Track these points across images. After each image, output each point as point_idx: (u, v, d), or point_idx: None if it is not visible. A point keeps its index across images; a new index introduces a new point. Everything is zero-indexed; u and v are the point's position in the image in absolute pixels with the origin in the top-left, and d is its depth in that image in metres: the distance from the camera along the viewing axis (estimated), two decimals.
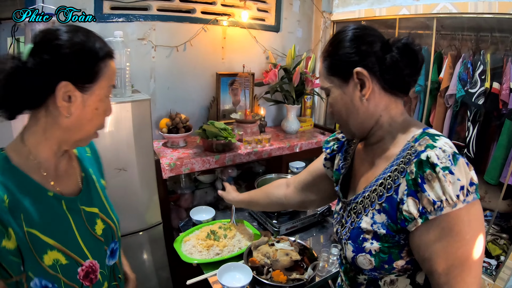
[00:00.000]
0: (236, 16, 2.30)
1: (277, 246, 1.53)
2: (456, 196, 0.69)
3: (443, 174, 0.70)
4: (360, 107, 0.87)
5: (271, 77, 2.44)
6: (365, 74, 0.83)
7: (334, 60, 0.89)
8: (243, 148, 2.17)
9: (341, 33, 0.89)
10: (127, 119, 1.51)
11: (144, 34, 2.01)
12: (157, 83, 2.14)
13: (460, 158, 0.72)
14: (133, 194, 1.60)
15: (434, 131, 0.82)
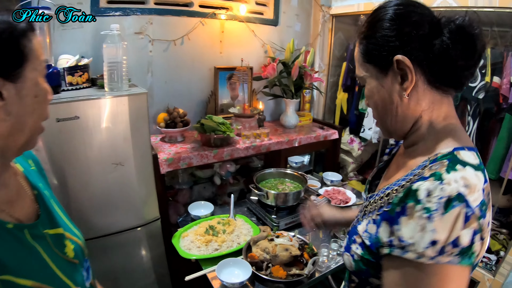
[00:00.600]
0: (234, 9, 2.27)
1: (276, 241, 1.52)
2: (423, 248, 0.59)
3: (420, 215, 0.60)
4: (400, 103, 0.74)
5: (270, 71, 2.42)
6: (408, 64, 0.69)
7: (371, 44, 0.75)
8: (242, 142, 2.15)
9: (380, 10, 0.74)
10: (124, 113, 1.49)
11: (141, 28, 1.98)
12: (154, 77, 2.12)
13: (457, 209, 0.58)
14: (130, 189, 1.59)
15: (467, 156, 0.66)
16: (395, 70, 0.71)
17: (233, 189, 2.37)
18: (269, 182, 2.06)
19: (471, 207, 0.58)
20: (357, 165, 3.02)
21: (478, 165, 0.65)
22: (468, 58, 0.69)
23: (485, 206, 0.61)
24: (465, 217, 0.58)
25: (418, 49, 0.69)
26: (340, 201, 2.16)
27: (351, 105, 2.95)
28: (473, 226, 0.58)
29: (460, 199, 0.58)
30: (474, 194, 0.59)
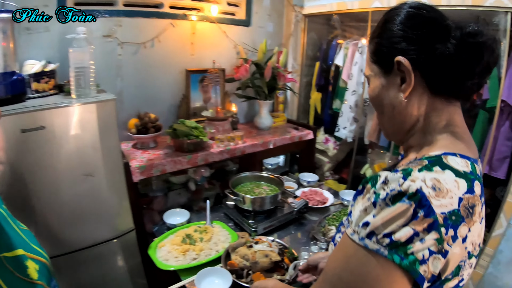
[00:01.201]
0: (206, 10, 2.22)
1: (255, 248, 1.49)
2: (357, 226, 0.60)
3: (369, 197, 0.60)
4: (397, 106, 0.73)
5: (242, 72, 2.39)
6: (407, 66, 0.67)
7: (378, 45, 0.74)
8: (216, 146, 2.11)
9: (392, 12, 0.74)
10: (92, 120, 1.42)
11: (110, 30, 1.90)
12: (124, 82, 2.04)
13: (404, 205, 0.55)
14: (102, 201, 1.52)
15: (454, 162, 0.62)
16: (396, 71, 0.71)
17: (208, 194, 2.32)
18: (245, 186, 2.03)
19: (428, 210, 0.54)
20: (333, 165, 3.05)
21: (465, 173, 0.61)
22: (471, 68, 0.66)
23: (456, 216, 0.57)
24: (412, 215, 0.54)
25: (420, 53, 0.67)
26: (318, 202, 2.16)
27: (325, 104, 2.97)
28: (418, 228, 0.54)
29: (415, 198, 0.54)
30: (442, 199, 0.55)
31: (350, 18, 2.68)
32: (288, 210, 1.92)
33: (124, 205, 1.59)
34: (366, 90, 2.55)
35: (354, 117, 2.69)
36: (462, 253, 0.59)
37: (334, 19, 2.60)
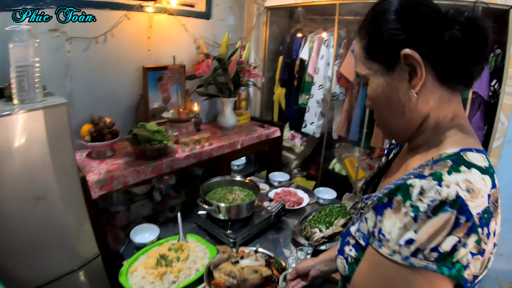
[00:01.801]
0: (163, 1, 2.00)
1: (242, 264, 1.35)
2: (399, 245, 0.56)
3: (406, 211, 0.56)
4: (407, 102, 0.68)
5: (204, 68, 2.21)
6: (417, 58, 0.63)
7: (374, 39, 0.69)
8: (181, 151, 1.92)
9: (384, 3, 0.69)
10: (40, 131, 1.17)
11: (57, 23, 1.59)
12: (74, 83, 1.75)
13: (447, 214, 0.52)
14: (59, 227, 1.27)
15: (474, 158, 0.60)
16: (402, 66, 0.66)
17: (174, 203, 2.12)
18: (217, 193, 1.88)
19: (468, 214, 0.52)
20: (300, 161, 2.98)
21: (487, 168, 0.59)
22: (479, 51, 0.64)
23: (488, 214, 0.55)
24: (454, 223, 0.52)
25: (427, 43, 0.64)
26: (294, 203, 2.07)
27: (289, 100, 2.88)
28: (460, 234, 0.52)
29: (456, 205, 0.52)
30: (476, 200, 0.53)
31: (315, 11, 2.60)
32: (265, 215, 1.81)
33: (86, 228, 1.35)
34: (334, 84, 2.50)
35: (321, 112, 2.63)
36: (492, 247, 0.57)
37: (298, 12, 2.50)
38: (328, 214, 1.83)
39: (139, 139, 1.73)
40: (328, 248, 1.61)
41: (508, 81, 1.72)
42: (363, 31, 0.72)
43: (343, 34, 2.48)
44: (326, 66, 2.50)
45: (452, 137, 0.67)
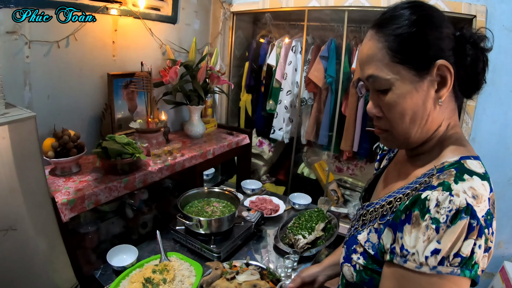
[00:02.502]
0: (129, 3, 1.87)
1: (239, 279, 1.29)
2: (425, 257, 0.58)
3: (427, 224, 0.58)
4: (432, 111, 0.69)
5: (172, 75, 2.10)
6: (451, 70, 0.66)
7: (410, 43, 0.66)
8: (152, 163, 1.81)
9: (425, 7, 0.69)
10: (5, 150, 1.02)
11: (15, 25, 1.41)
12: (33, 92, 1.55)
13: (463, 221, 0.56)
14: (33, 259, 1.11)
15: (473, 166, 0.65)
16: (433, 75, 0.67)
17: (147, 218, 1.98)
18: (194, 206, 1.78)
19: (477, 218, 0.57)
20: (268, 167, 2.95)
21: (484, 174, 0.64)
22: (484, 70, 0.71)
23: (490, 216, 0.60)
24: (469, 228, 0.56)
25: (457, 56, 0.68)
26: (271, 211, 2.03)
27: (256, 106, 2.85)
28: (475, 237, 0.57)
29: (468, 211, 0.56)
30: (480, 205, 0.58)
31: (281, 17, 2.60)
32: (245, 225, 1.75)
33: (62, 257, 1.20)
34: (302, 90, 2.51)
35: (289, 117, 2.63)
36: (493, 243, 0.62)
37: (266, 17, 2.48)
38: (308, 219, 1.83)
39: (110, 153, 1.59)
40: (313, 254, 1.62)
41: None
42: (390, 31, 0.68)
43: (309, 40, 2.50)
44: (294, 72, 2.51)
45: (452, 145, 0.71)
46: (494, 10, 1.76)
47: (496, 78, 1.85)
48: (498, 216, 1.90)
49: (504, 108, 1.88)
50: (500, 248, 2.07)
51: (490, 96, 1.89)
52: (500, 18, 1.78)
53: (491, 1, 1.77)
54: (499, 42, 1.81)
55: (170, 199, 2.17)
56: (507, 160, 1.93)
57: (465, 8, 1.76)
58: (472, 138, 1.94)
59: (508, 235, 2.03)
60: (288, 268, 1.51)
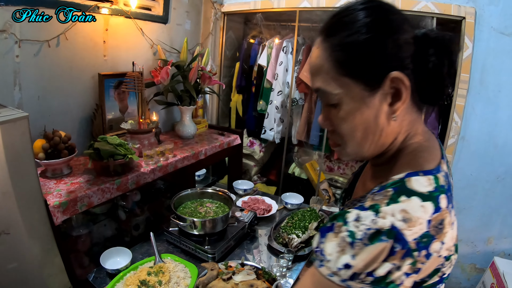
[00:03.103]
0: (120, 3, 1.84)
1: (235, 279, 1.30)
2: (337, 268, 0.57)
3: (344, 236, 0.57)
4: (386, 126, 0.64)
5: (163, 75, 2.09)
6: (406, 83, 0.60)
7: (357, 54, 0.60)
8: (145, 164, 1.79)
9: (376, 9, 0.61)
10: None
11: (5, 24, 1.37)
12: (23, 92, 1.52)
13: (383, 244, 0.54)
14: (27, 263, 1.08)
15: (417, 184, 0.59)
16: (385, 88, 0.61)
17: (139, 220, 1.96)
18: (187, 207, 1.78)
19: (403, 242, 0.54)
20: (259, 168, 2.96)
21: (430, 192, 0.58)
22: (453, 74, 0.65)
23: (428, 238, 0.55)
24: (390, 251, 0.54)
25: (413, 65, 0.62)
26: (263, 211, 2.04)
27: (247, 106, 2.85)
28: (396, 261, 0.54)
29: (391, 234, 0.54)
30: (414, 228, 0.54)
31: (272, 18, 2.60)
32: (238, 225, 1.75)
33: (56, 261, 1.17)
34: (293, 90, 2.52)
35: (280, 117, 2.64)
36: (437, 262, 0.58)
37: (257, 18, 2.48)
38: (301, 219, 1.84)
39: (102, 154, 1.57)
40: (307, 253, 1.63)
41: (461, 85, 1.89)
42: (336, 41, 0.63)
43: (300, 41, 2.52)
44: (285, 72, 2.52)
45: (406, 157, 0.66)
46: (483, 12, 1.81)
47: (485, 78, 1.91)
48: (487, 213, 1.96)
49: (492, 107, 1.93)
50: (490, 244, 2.13)
51: (479, 96, 1.94)
52: (489, 19, 1.83)
53: (480, 3, 1.82)
54: (487, 43, 1.86)
55: (162, 200, 2.15)
56: (496, 158, 1.99)
57: (454, 10, 1.80)
58: (462, 137, 1.99)
59: (498, 231, 2.08)
60: (283, 268, 1.52)
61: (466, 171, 2.07)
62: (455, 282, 2.32)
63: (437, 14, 1.80)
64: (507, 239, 2.09)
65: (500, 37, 1.84)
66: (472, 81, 1.93)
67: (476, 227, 2.15)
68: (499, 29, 1.81)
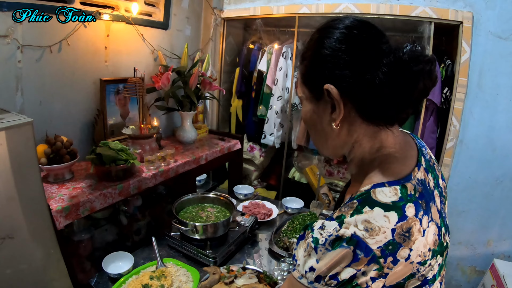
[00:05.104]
0: (121, 9, 1.86)
1: (237, 283, 1.31)
2: (305, 271, 0.63)
3: (309, 242, 0.63)
4: (330, 132, 0.72)
5: (164, 81, 2.10)
6: (335, 96, 0.65)
7: (307, 68, 0.72)
8: (146, 169, 1.79)
9: (325, 31, 0.68)
10: (2, 157, 1.00)
11: (8, 29, 1.39)
12: (25, 97, 1.53)
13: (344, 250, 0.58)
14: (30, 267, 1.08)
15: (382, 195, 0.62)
16: (326, 98, 0.68)
17: (140, 225, 1.96)
18: (189, 211, 1.79)
19: (367, 250, 0.57)
20: (259, 172, 2.96)
21: (394, 203, 0.61)
22: (405, 96, 0.64)
23: (393, 245, 0.58)
24: (353, 258, 0.58)
25: (349, 81, 0.64)
26: (264, 215, 2.05)
27: (246, 112, 2.86)
28: (359, 267, 0.58)
29: (352, 242, 0.58)
30: (376, 237, 0.58)
31: (272, 23, 2.63)
32: (239, 230, 1.76)
33: (59, 266, 1.18)
34: (293, 95, 2.54)
35: (280, 122, 2.66)
36: (408, 267, 0.59)
37: (257, 24, 2.51)
38: (301, 223, 1.85)
39: (104, 159, 1.58)
40: None
41: (459, 89, 1.91)
42: (302, 54, 0.74)
43: (299, 46, 2.54)
44: (285, 78, 2.54)
45: (374, 170, 0.69)
46: (480, 17, 1.83)
47: (482, 82, 1.93)
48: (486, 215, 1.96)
49: (490, 111, 1.94)
50: (489, 246, 2.13)
51: (477, 99, 1.95)
52: (486, 24, 1.85)
53: (477, 8, 1.85)
54: (485, 47, 1.88)
55: (163, 205, 2.15)
56: (494, 161, 2.00)
57: (452, 14, 1.82)
58: (460, 140, 2.00)
59: (497, 234, 2.09)
60: (284, 271, 1.52)
61: (465, 174, 2.09)
62: (456, 285, 2.32)
63: (434, 19, 1.82)
64: (507, 241, 2.10)
65: (497, 41, 1.86)
66: (470, 85, 1.95)
67: (475, 229, 2.16)
68: (496, 33, 1.84)
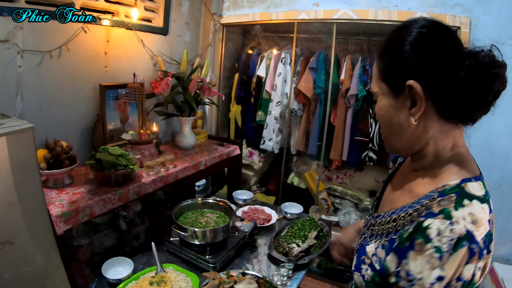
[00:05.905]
0: (121, 14, 1.87)
1: None
2: (430, 283, 0.61)
3: (430, 253, 0.61)
4: (406, 127, 0.74)
5: (164, 87, 2.11)
6: (418, 91, 0.68)
7: (389, 63, 0.73)
8: (145, 175, 1.79)
9: (404, 30, 0.71)
10: (2, 162, 1.00)
11: (8, 34, 1.39)
12: (25, 102, 1.53)
13: (464, 248, 0.60)
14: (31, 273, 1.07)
15: (473, 188, 0.66)
16: (406, 94, 0.70)
17: (139, 230, 1.96)
18: (188, 217, 1.78)
19: (476, 242, 0.60)
20: (258, 178, 2.97)
21: (484, 196, 0.66)
22: (482, 97, 0.67)
23: (490, 236, 0.63)
24: (470, 253, 0.60)
25: (433, 78, 0.67)
26: (263, 220, 2.04)
27: (245, 117, 2.87)
28: (475, 261, 0.60)
29: (468, 237, 0.60)
30: (480, 228, 0.61)
31: (271, 29, 2.65)
32: (239, 235, 1.75)
33: (59, 271, 1.17)
34: (292, 101, 2.55)
35: (279, 128, 2.66)
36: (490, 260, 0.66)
37: (256, 29, 2.52)
38: (301, 228, 1.85)
39: (104, 165, 1.57)
40: (307, 262, 1.64)
41: None
42: (381, 51, 0.76)
43: (298, 52, 2.56)
44: (284, 83, 2.55)
45: (454, 166, 0.72)
46: (477, 22, 1.85)
47: None
48: None
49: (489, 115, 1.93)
50: None
51: None
52: (483, 29, 1.87)
53: (475, 13, 1.86)
54: None
55: (163, 211, 2.15)
56: (493, 165, 2.01)
57: (449, 20, 1.84)
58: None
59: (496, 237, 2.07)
60: (283, 276, 1.52)
61: None
62: None
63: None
64: (506, 245, 2.10)
65: None
66: None
67: None
68: (493, 38, 1.85)
